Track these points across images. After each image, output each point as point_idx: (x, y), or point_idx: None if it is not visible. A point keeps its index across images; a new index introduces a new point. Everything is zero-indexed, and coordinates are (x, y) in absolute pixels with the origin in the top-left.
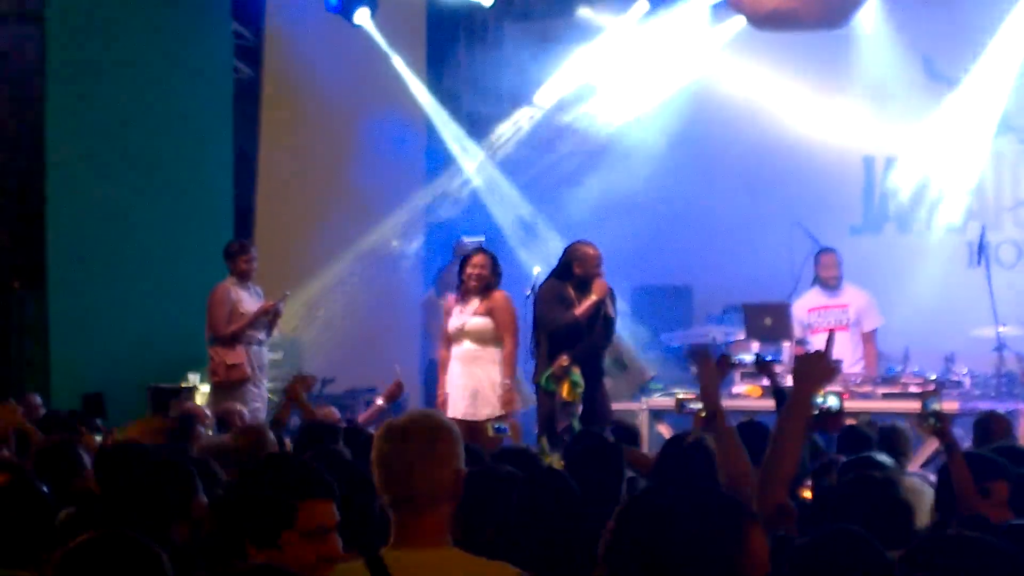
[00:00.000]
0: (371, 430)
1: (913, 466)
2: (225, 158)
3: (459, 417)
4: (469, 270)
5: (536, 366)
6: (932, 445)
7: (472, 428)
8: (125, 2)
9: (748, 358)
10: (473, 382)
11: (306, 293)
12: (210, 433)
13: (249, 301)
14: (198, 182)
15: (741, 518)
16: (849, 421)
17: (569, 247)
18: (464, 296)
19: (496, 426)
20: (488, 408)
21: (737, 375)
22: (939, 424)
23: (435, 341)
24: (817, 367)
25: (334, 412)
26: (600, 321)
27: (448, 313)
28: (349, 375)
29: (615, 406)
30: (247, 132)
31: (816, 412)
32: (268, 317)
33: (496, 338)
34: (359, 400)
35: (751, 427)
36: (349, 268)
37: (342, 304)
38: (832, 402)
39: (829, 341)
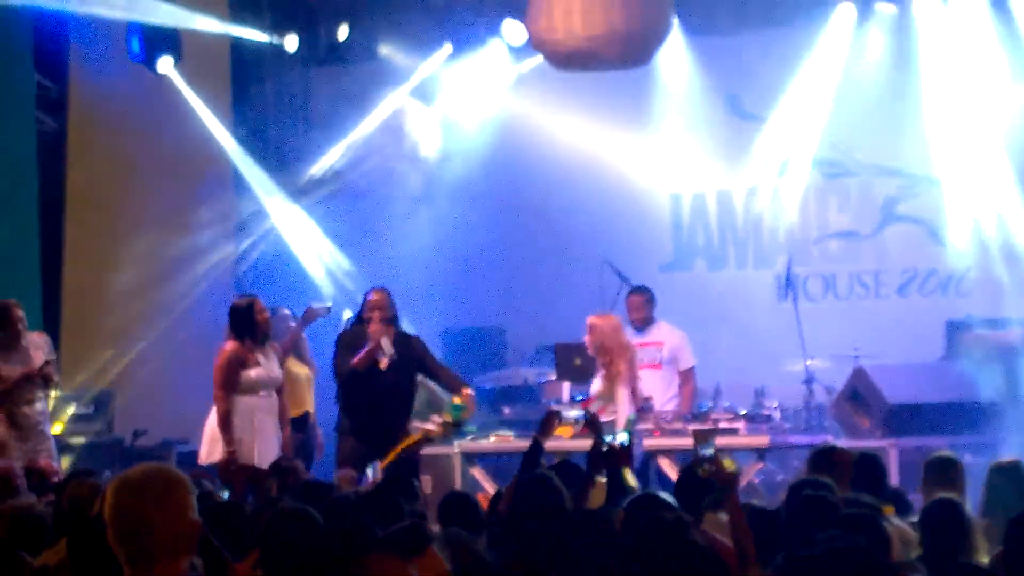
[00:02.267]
0: None
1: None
2: (30, 212)
3: None
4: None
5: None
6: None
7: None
8: None
9: (573, 414)
10: None
11: (116, 343)
12: None
13: (15, 368)
14: (2, 237)
15: None
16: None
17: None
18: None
19: None
20: None
21: None
22: (713, 468)
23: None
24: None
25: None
26: (387, 366)
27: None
28: (163, 427)
29: (430, 450)
30: (53, 183)
31: (606, 448)
32: (35, 380)
33: None
34: (172, 451)
35: (565, 467)
36: (158, 323)
37: (153, 358)
38: (622, 437)
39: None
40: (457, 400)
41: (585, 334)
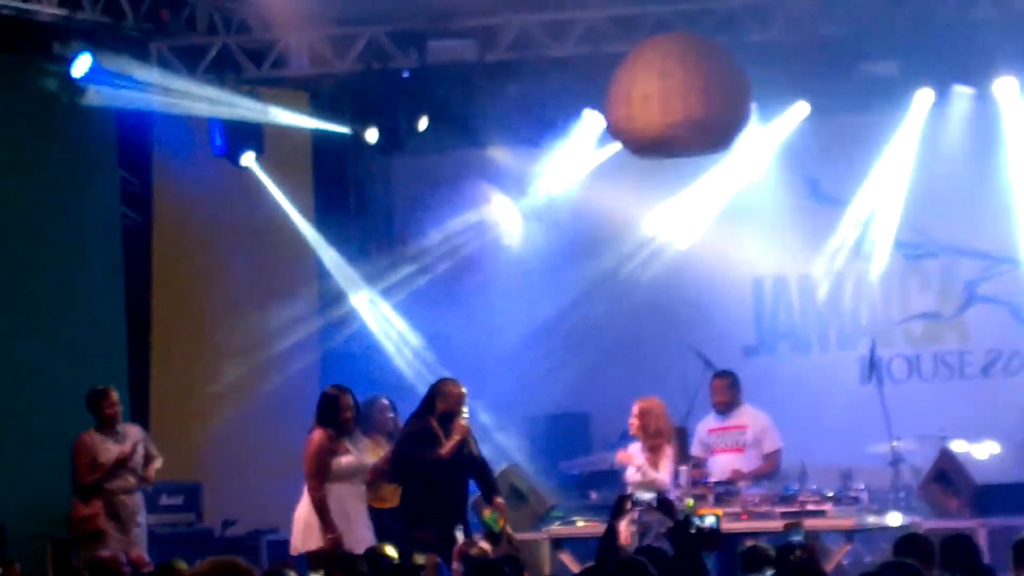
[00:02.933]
0: None
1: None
2: (117, 306)
3: None
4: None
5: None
6: None
7: None
8: (9, 146)
9: (647, 496)
10: None
11: (205, 434)
12: None
13: (112, 449)
14: (90, 328)
15: None
16: (749, 542)
17: (435, 384)
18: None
19: None
20: None
21: None
22: (804, 555)
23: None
24: None
25: None
26: (464, 460)
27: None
28: (253, 516)
29: (519, 535)
30: (139, 278)
31: (694, 531)
32: (129, 463)
33: None
34: (262, 540)
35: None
36: (246, 414)
37: (242, 449)
38: (709, 521)
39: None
40: (487, 512)
41: (632, 418)
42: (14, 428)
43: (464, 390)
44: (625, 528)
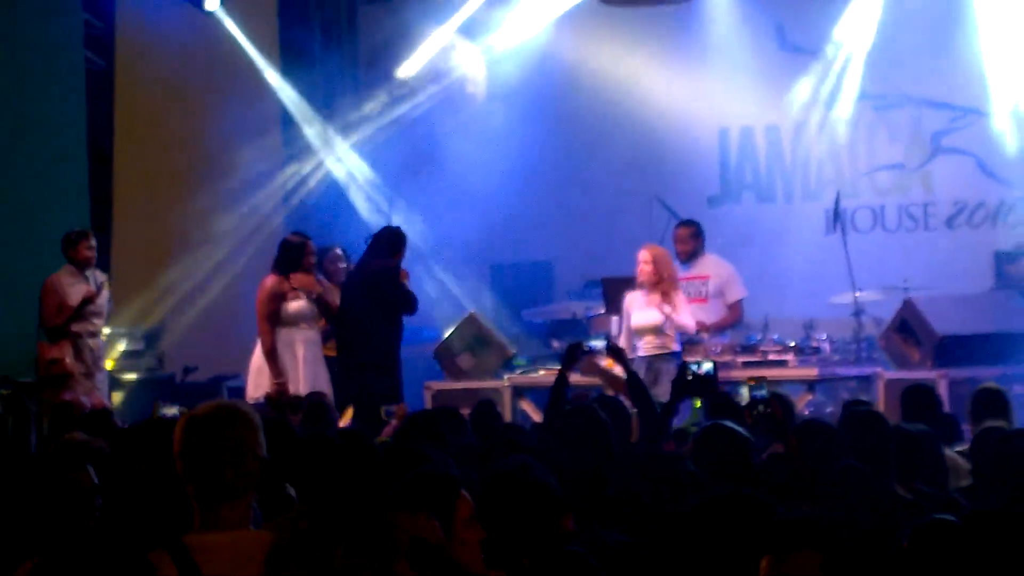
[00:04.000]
0: None
1: None
2: (79, 148)
3: None
4: None
5: None
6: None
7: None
8: None
9: (599, 344)
10: None
11: (166, 280)
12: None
13: (81, 290)
14: (51, 173)
15: None
16: None
17: (394, 229)
18: None
19: None
20: None
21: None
22: (768, 410)
23: None
24: None
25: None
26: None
27: None
28: (214, 363)
29: (478, 384)
30: (101, 123)
31: (691, 377)
32: (92, 304)
33: None
34: (222, 386)
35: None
36: (209, 254)
37: (203, 290)
38: (706, 367)
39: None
40: None
41: (643, 263)
42: None
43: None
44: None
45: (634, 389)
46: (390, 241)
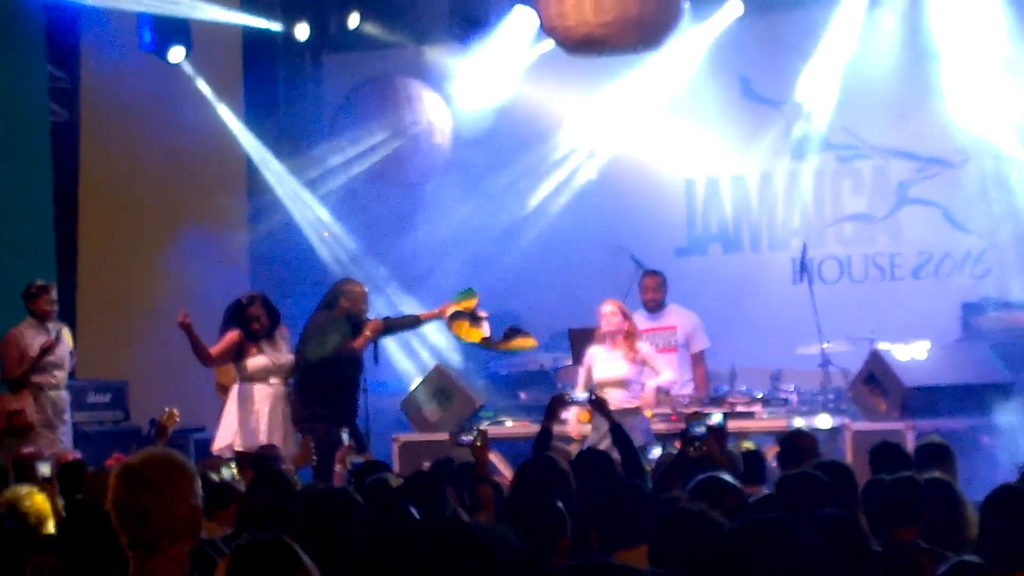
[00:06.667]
0: None
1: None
2: (44, 200)
3: None
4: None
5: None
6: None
7: None
8: None
9: (582, 396)
10: None
11: (132, 332)
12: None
13: (41, 340)
14: (17, 224)
15: None
16: (678, 444)
17: (339, 283)
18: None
19: None
20: None
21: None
22: (704, 448)
23: None
24: None
25: None
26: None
27: None
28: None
29: (445, 436)
30: (67, 175)
31: (704, 429)
32: (52, 355)
33: None
34: (189, 439)
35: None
36: (173, 312)
37: (169, 342)
38: (716, 419)
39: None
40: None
41: (611, 315)
42: None
43: (367, 289)
44: (574, 426)
45: (618, 439)
46: (330, 294)
